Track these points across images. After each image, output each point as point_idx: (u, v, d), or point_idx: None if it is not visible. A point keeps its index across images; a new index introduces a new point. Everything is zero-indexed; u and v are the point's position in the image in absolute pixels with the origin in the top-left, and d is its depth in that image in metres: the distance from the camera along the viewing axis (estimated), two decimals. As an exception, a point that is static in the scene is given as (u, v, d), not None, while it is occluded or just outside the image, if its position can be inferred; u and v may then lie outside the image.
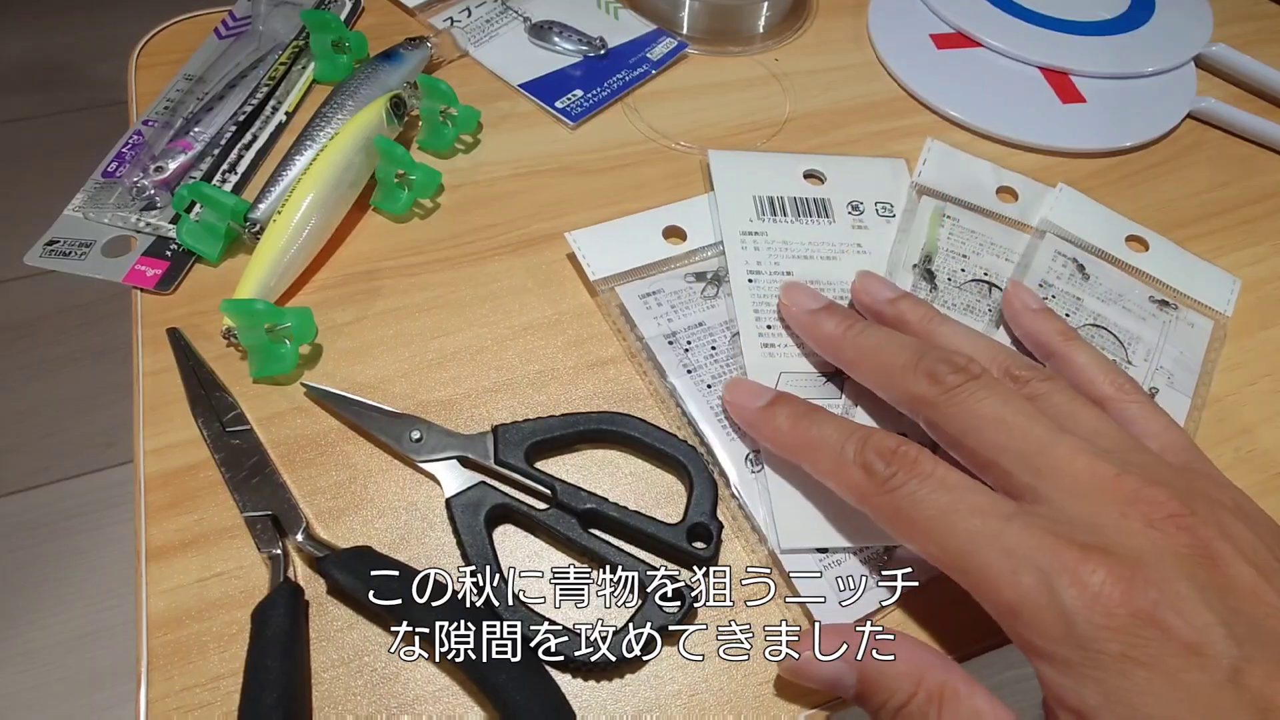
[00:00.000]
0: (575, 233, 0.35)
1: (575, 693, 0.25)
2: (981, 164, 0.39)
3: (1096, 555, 0.21)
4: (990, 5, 0.48)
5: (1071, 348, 0.30)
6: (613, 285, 0.34)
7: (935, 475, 0.24)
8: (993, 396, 0.25)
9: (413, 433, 0.29)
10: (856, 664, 0.23)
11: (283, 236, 0.32)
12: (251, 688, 0.24)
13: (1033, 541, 0.22)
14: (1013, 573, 0.21)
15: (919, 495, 0.24)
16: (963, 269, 0.35)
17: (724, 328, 0.33)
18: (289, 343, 0.31)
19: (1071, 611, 0.20)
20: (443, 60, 0.43)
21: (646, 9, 0.46)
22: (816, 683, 0.24)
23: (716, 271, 0.34)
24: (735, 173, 0.37)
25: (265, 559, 0.27)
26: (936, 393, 0.26)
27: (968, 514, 0.23)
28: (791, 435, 0.27)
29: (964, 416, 0.25)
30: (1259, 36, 0.50)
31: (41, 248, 0.34)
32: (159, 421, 0.30)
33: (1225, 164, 0.43)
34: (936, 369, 0.26)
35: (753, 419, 0.29)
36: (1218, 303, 0.36)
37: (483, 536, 0.27)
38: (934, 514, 0.23)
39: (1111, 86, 0.45)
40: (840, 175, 0.38)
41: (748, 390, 0.29)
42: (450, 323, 0.33)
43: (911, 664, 0.23)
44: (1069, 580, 0.21)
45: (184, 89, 0.40)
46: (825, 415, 0.27)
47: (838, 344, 0.30)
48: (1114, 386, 0.28)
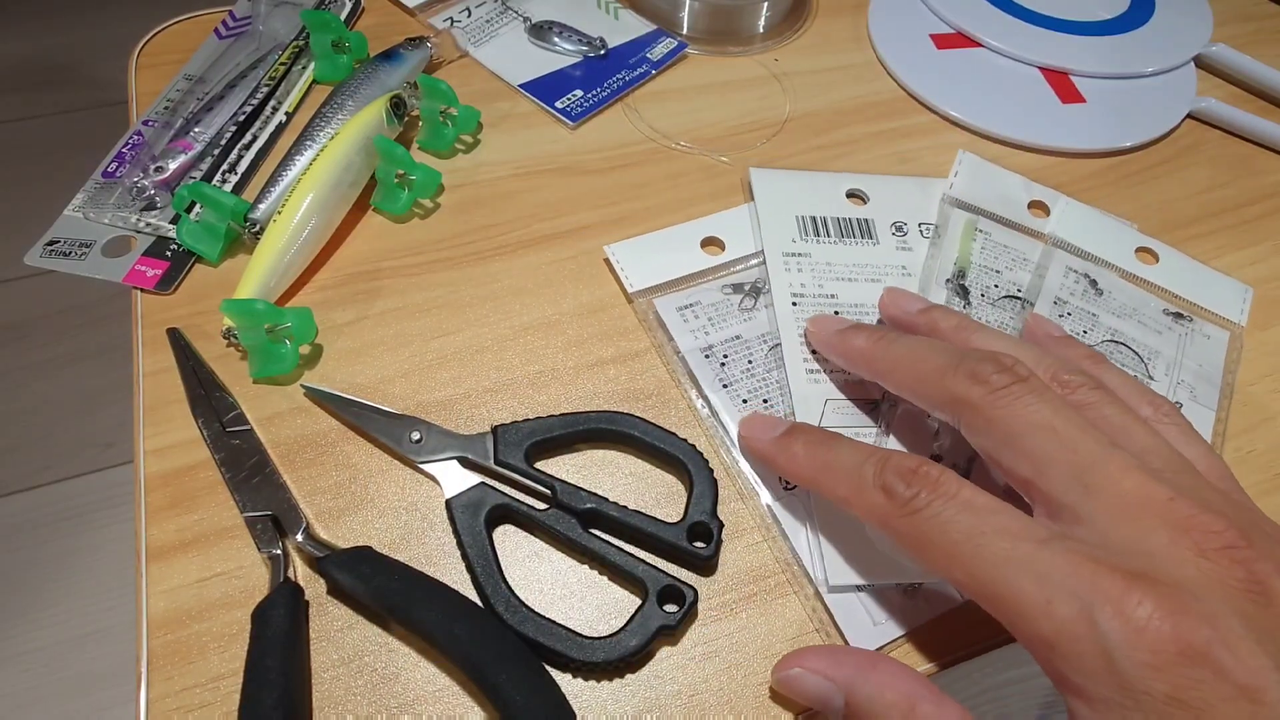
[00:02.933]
0: (613, 245, 0.34)
1: (575, 693, 0.25)
2: (1013, 177, 0.39)
3: (1143, 584, 0.19)
4: (990, 5, 0.48)
5: (1102, 370, 0.28)
6: (650, 297, 0.33)
7: (960, 496, 0.22)
8: (1042, 402, 0.23)
9: (413, 433, 0.29)
10: (845, 685, 0.23)
11: (283, 236, 0.32)
12: (251, 688, 0.24)
13: (1071, 568, 0.20)
14: (1048, 602, 0.20)
15: (944, 517, 0.22)
16: (996, 285, 0.35)
17: (761, 341, 0.32)
18: (289, 343, 0.31)
19: (1114, 646, 0.19)
20: (443, 60, 0.43)
21: (646, 9, 0.46)
22: (804, 698, 0.24)
23: (755, 283, 0.34)
24: (777, 191, 0.36)
25: (265, 559, 0.27)
26: (980, 393, 0.24)
27: (996, 537, 0.21)
28: (808, 462, 0.26)
29: (1010, 421, 0.23)
30: (1259, 36, 0.50)
31: (41, 248, 0.34)
32: (159, 421, 0.30)
33: (1225, 164, 0.43)
34: (980, 369, 0.24)
35: (769, 451, 0.28)
36: (1231, 313, 0.36)
37: (483, 537, 0.27)
38: (960, 538, 0.22)
39: (1111, 86, 0.45)
40: (883, 195, 0.37)
41: (762, 423, 0.29)
42: (450, 323, 0.33)
43: (900, 693, 0.22)
44: (1112, 611, 0.19)
45: (184, 89, 0.40)
46: (842, 440, 0.26)
47: (869, 355, 0.29)
48: (1152, 408, 0.26)
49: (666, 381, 0.32)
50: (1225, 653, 0.18)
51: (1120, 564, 0.20)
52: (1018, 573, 0.20)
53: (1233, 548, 0.20)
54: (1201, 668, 0.18)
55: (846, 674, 0.23)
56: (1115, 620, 0.19)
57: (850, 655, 0.23)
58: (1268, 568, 0.20)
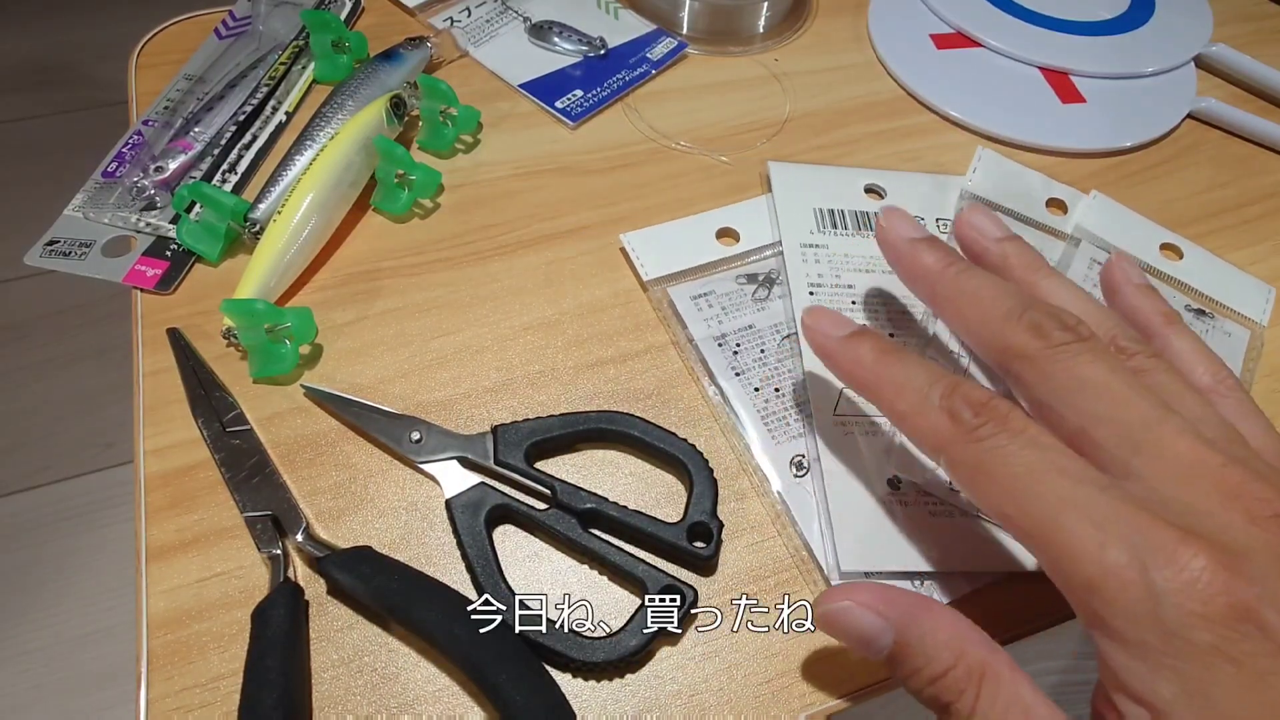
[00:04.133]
0: (629, 234, 0.35)
1: (575, 693, 0.25)
2: (1032, 175, 0.39)
3: (1196, 540, 0.19)
4: (990, 5, 0.48)
5: (1173, 330, 0.28)
6: (664, 286, 0.34)
7: (1027, 433, 0.22)
8: (1099, 362, 0.23)
9: (413, 433, 0.29)
10: (897, 624, 0.22)
11: (283, 236, 0.32)
12: (251, 688, 0.24)
13: (1127, 516, 0.20)
14: (1101, 546, 0.20)
15: (1008, 450, 0.22)
16: None
17: (774, 330, 0.33)
18: (289, 343, 0.31)
19: (1162, 594, 0.19)
20: (443, 60, 0.43)
21: (646, 9, 0.46)
22: (850, 636, 0.23)
23: (768, 273, 0.34)
24: (795, 185, 0.37)
25: (265, 559, 0.27)
26: (1040, 346, 0.24)
27: (1059, 476, 0.21)
28: (874, 369, 0.25)
29: (1065, 376, 0.23)
30: (1259, 36, 0.50)
31: (41, 248, 0.34)
32: (159, 421, 0.30)
33: (1225, 164, 0.43)
34: (1043, 323, 0.24)
35: (834, 348, 0.27)
36: (1254, 312, 0.36)
37: (483, 537, 0.27)
38: (1020, 471, 0.21)
39: (1111, 86, 0.45)
40: (901, 190, 0.37)
41: (829, 319, 0.27)
42: (450, 323, 0.33)
43: (954, 635, 0.21)
44: (1165, 560, 0.19)
45: (184, 89, 0.40)
46: (914, 356, 0.26)
47: (935, 279, 0.27)
48: (1213, 377, 0.26)
49: (667, 380, 0.32)
50: (1272, 612, 0.18)
51: (1176, 519, 0.20)
52: (1074, 514, 0.20)
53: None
54: (1248, 623, 0.18)
55: (899, 612, 0.22)
56: (1168, 570, 0.19)
57: (903, 594, 0.23)
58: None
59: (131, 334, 0.32)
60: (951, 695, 0.21)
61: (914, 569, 0.27)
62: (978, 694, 0.20)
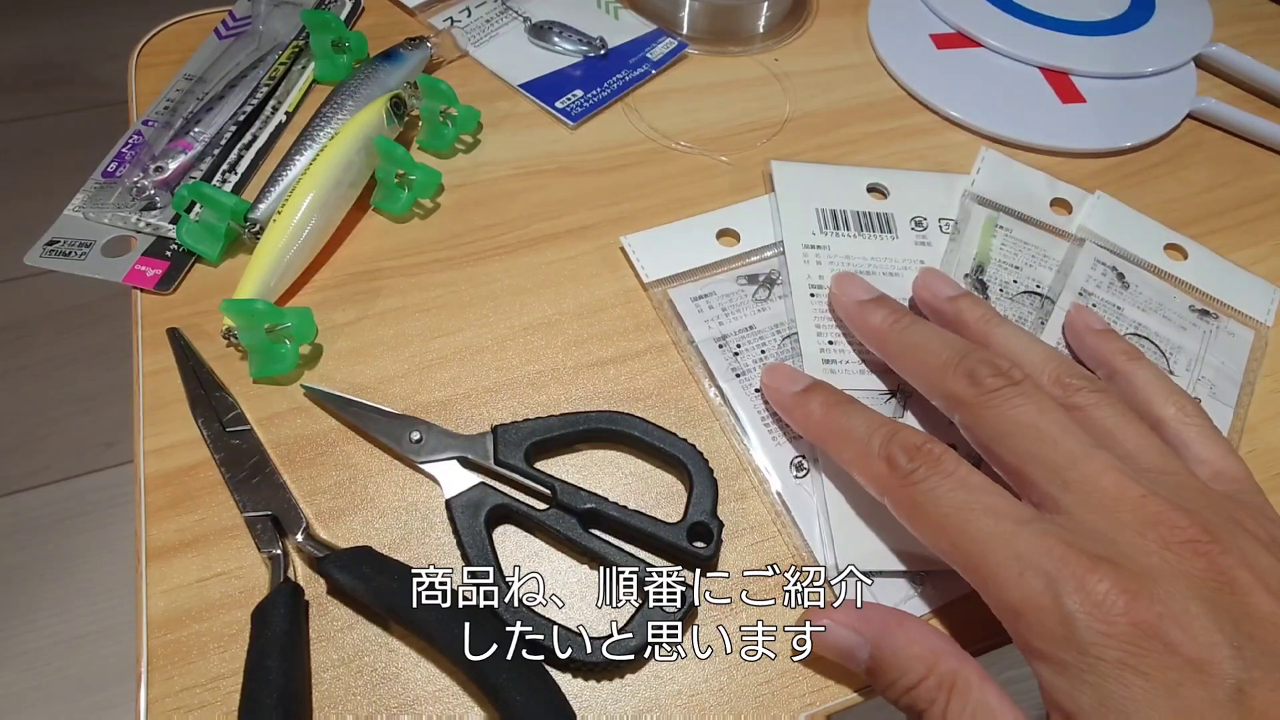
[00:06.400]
0: (629, 236, 0.35)
1: (575, 693, 0.25)
2: (1036, 175, 0.39)
3: (1105, 566, 0.21)
4: (990, 5, 0.48)
5: (1135, 366, 0.29)
6: (665, 287, 0.34)
7: (956, 475, 0.24)
8: (1029, 404, 0.25)
9: (412, 433, 0.29)
10: (872, 639, 0.24)
11: (283, 236, 0.32)
12: (251, 688, 0.24)
13: (1044, 548, 0.22)
14: (1019, 575, 0.22)
15: (938, 492, 0.24)
16: (1015, 280, 0.35)
17: (774, 331, 0.33)
18: (289, 343, 0.31)
19: (1072, 616, 0.21)
20: (443, 60, 0.43)
21: (646, 9, 0.46)
22: (830, 651, 0.25)
23: (769, 274, 0.34)
24: (797, 184, 0.37)
25: (265, 559, 0.27)
26: (974, 394, 0.26)
27: (983, 514, 0.23)
28: (823, 422, 0.28)
29: (998, 421, 0.25)
30: (1259, 36, 0.50)
31: (41, 248, 0.34)
32: (159, 421, 0.30)
33: (1225, 164, 0.43)
34: (977, 370, 0.26)
35: (788, 403, 0.29)
36: (1258, 312, 0.36)
37: (483, 537, 0.27)
38: (949, 511, 0.24)
39: (1111, 86, 0.45)
40: (904, 190, 0.37)
41: (785, 375, 0.30)
42: (450, 323, 0.33)
43: (926, 648, 0.23)
44: (1074, 586, 0.21)
45: (184, 89, 0.40)
46: (857, 407, 0.28)
47: (883, 336, 0.30)
48: (1175, 407, 0.28)
49: (668, 380, 0.32)
50: (1175, 629, 0.20)
51: (1088, 549, 0.22)
52: (997, 548, 0.22)
53: (1195, 541, 0.22)
54: (1152, 640, 0.20)
55: (874, 629, 0.24)
56: (1077, 595, 0.21)
57: (878, 611, 0.25)
58: (1231, 560, 0.21)
59: (131, 334, 0.32)
60: (924, 704, 0.22)
61: (913, 569, 0.27)
62: (948, 702, 0.22)
